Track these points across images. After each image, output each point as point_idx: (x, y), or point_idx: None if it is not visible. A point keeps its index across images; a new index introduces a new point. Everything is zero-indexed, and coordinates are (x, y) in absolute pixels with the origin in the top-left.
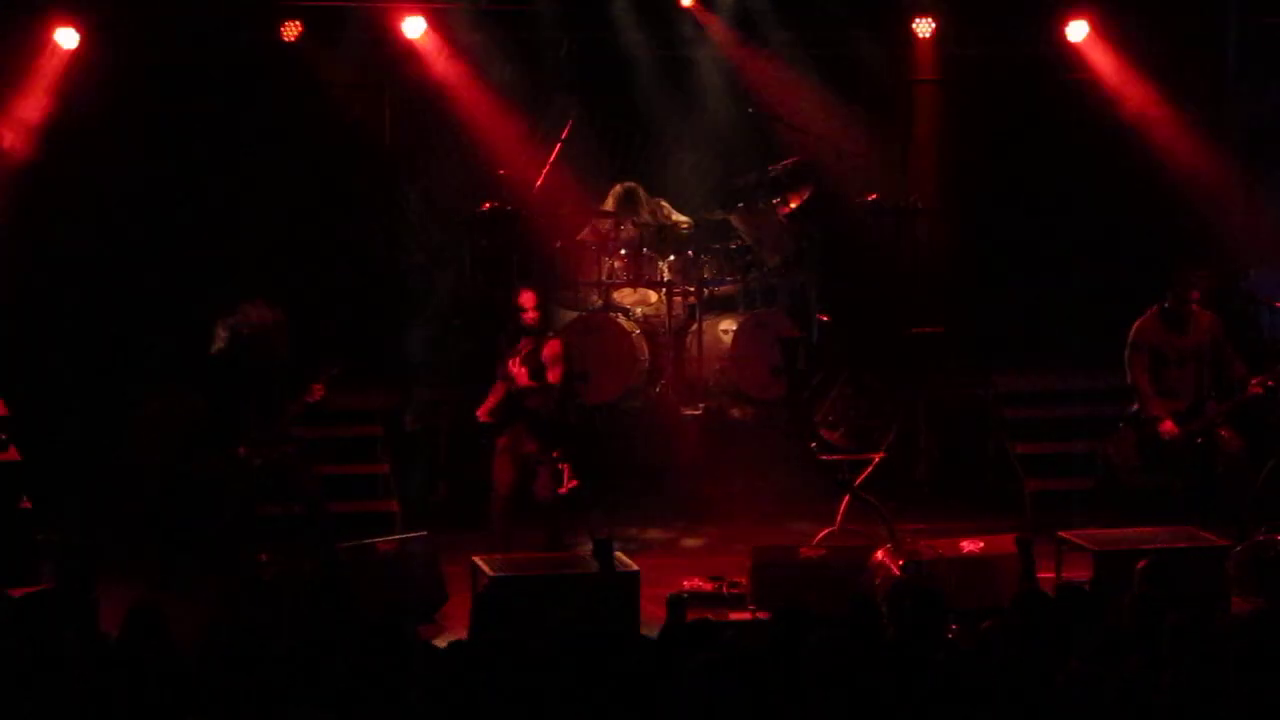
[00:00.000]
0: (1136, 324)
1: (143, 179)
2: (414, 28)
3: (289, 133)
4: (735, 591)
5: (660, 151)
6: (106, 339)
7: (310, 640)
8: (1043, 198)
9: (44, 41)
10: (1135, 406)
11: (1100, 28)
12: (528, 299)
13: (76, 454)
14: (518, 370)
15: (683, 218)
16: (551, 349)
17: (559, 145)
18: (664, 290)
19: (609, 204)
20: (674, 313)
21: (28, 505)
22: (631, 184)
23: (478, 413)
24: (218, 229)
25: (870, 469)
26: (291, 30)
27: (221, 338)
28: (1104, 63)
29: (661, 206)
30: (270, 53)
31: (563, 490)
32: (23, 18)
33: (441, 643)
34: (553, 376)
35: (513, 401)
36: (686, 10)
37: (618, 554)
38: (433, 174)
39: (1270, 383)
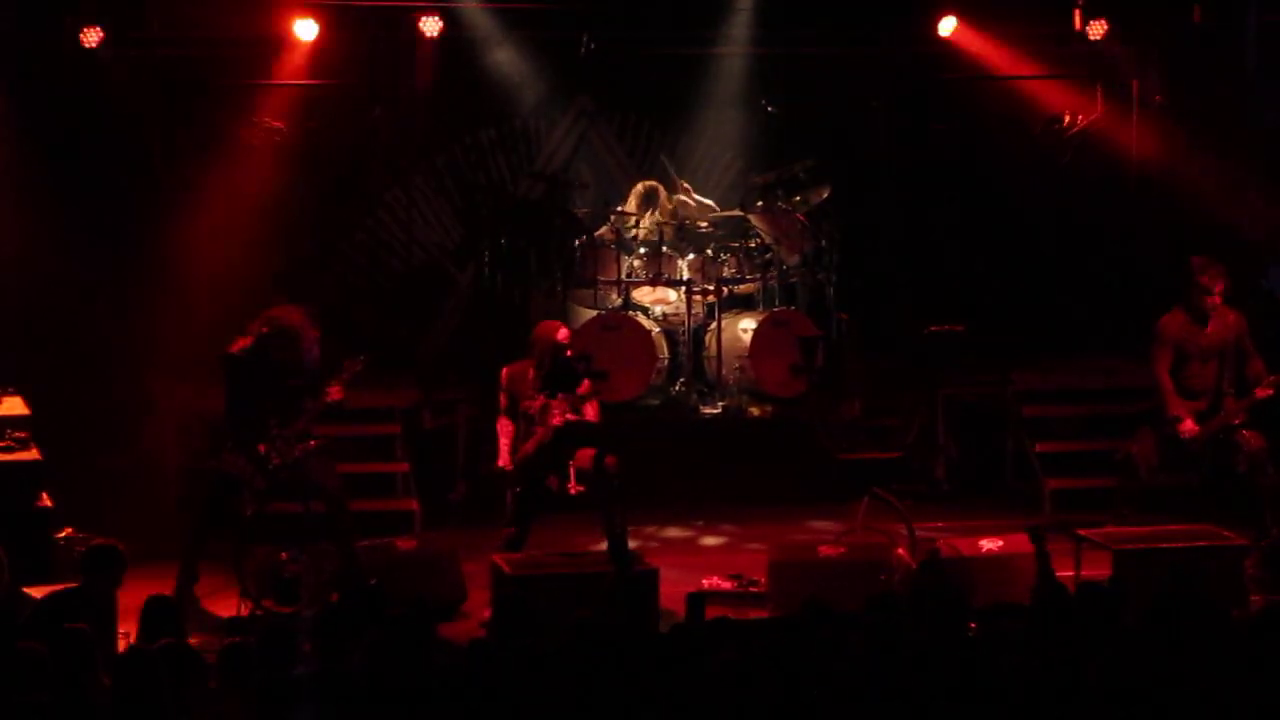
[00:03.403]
0: (1161, 319)
1: (153, 178)
2: (432, 26)
3: (310, 131)
4: (755, 590)
5: (679, 150)
6: (127, 337)
7: (330, 638)
8: (1061, 196)
9: None
10: (1156, 403)
11: (1116, 28)
12: (568, 335)
13: (96, 452)
14: (559, 417)
15: (706, 200)
16: (584, 387)
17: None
18: (683, 289)
19: (630, 202)
20: (693, 311)
21: (48, 504)
22: (653, 183)
23: (502, 464)
24: (236, 226)
25: (889, 468)
26: (308, 29)
27: (248, 337)
28: (1119, 62)
29: (687, 190)
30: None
31: (571, 491)
32: None
33: (461, 641)
34: (593, 413)
35: (549, 448)
36: (705, 7)
37: (636, 552)
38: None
39: None
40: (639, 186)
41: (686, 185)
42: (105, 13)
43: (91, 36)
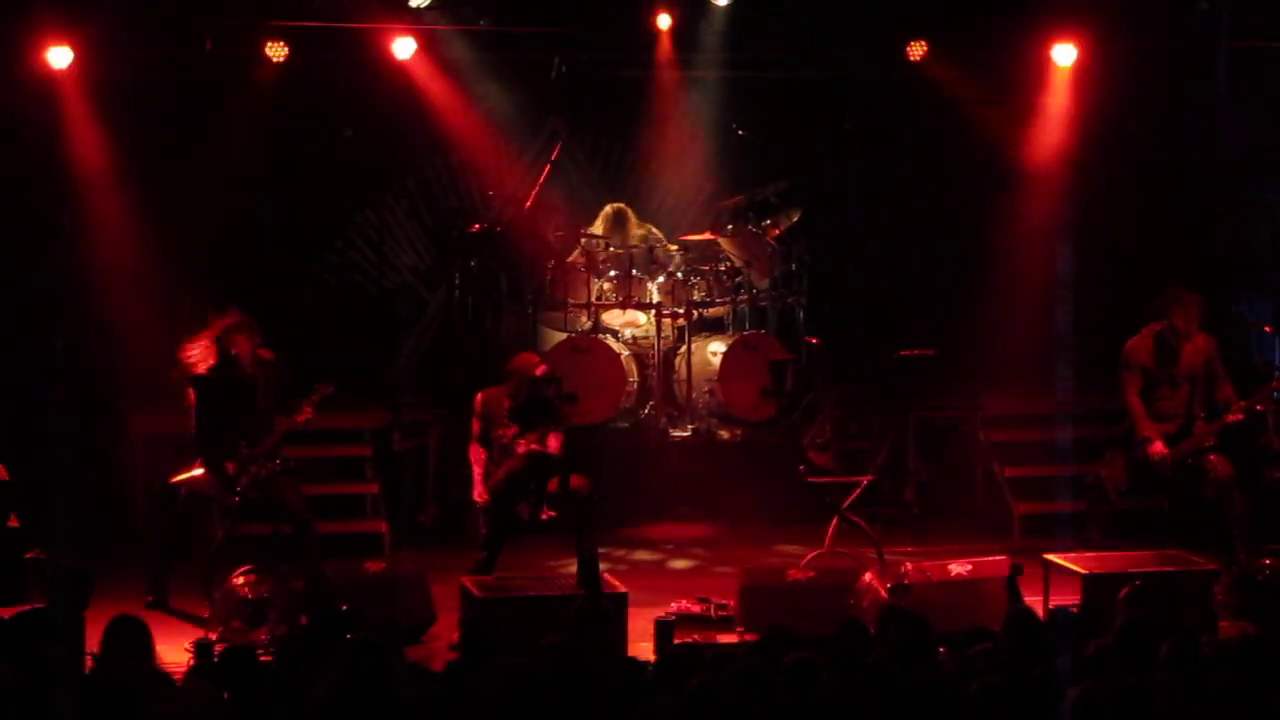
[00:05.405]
0: (1129, 343)
1: (134, 198)
2: (404, 49)
3: (280, 152)
4: (723, 614)
5: (650, 173)
6: (96, 357)
7: (298, 660)
8: (1031, 221)
9: None
10: (1127, 426)
11: (1092, 52)
12: (545, 370)
13: (66, 473)
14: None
15: (671, 246)
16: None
17: (548, 166)
18: (653, 312)
19: (599, 225)
20: (663, 334)
21: (16, 524)
22: (621, 205)
23: (476, 496)
24: (206, 247)
25: (858, 491)
26: (277, 51)
27: (212, 357)
28: (1090, 88)
29: (652, 232)
30: (261, 72)
31: (543, 516)
32: None
33: (430, 664)
34: (555, 444)
35: (519, 477)
36: (668, 33)
37: (605, 575)
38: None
39: (1259, 407)
40: (607, 209)
41: (656, 231)
42: (76, 32)
43: (60, 58)
